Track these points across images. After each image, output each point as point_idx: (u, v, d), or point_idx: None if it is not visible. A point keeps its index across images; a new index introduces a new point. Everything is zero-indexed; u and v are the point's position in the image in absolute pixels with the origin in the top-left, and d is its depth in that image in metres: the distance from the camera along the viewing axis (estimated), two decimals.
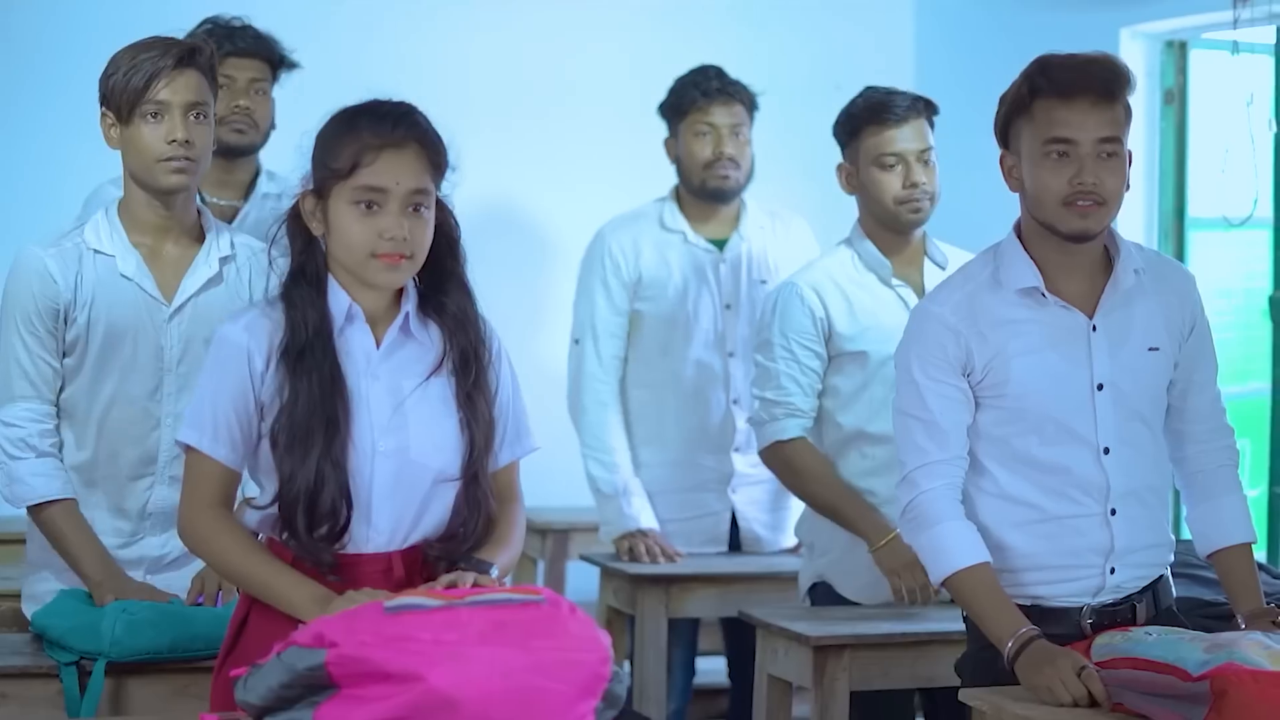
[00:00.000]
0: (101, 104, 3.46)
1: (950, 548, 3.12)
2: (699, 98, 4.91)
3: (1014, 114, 3.16)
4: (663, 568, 4.71)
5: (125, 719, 3.17)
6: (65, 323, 3.44)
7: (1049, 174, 3.10)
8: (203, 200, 4.31)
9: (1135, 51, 5.55)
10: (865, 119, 4.16)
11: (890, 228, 4.18)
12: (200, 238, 3.53)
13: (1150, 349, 3.19)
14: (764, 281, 4.92)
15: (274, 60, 4.47)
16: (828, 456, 4.16)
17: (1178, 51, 5.57)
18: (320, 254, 2.91)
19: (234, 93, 4.38)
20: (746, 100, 4.97)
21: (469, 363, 2.94)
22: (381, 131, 2.85)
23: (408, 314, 2.93)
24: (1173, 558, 3.30)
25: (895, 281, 4.17)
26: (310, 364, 2.85)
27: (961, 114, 6.43)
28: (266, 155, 4.56)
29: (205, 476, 2.89)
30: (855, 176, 4.20)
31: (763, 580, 4.68)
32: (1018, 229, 3.23)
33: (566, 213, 6.21)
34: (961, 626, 3.80)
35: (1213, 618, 3.36)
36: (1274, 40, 5.24)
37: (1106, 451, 3.16)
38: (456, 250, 2.97)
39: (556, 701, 2.54)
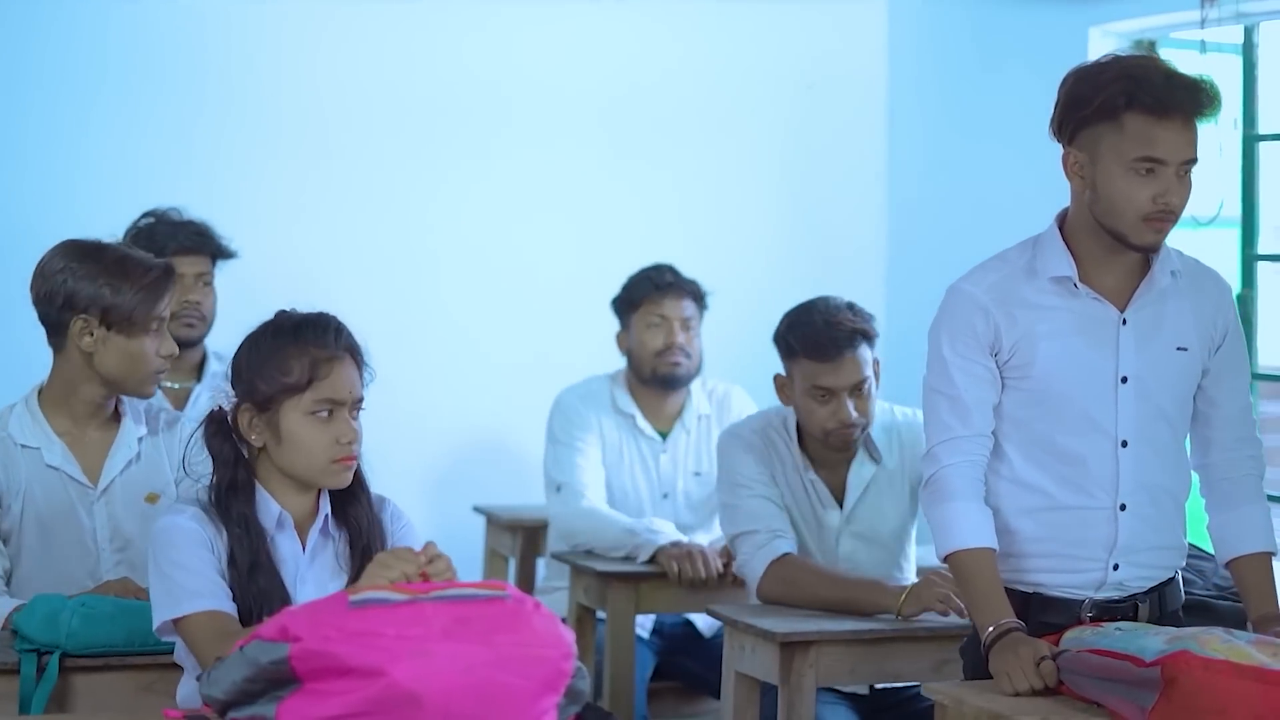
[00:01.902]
0: (81, 311, 3.49)
1: (958, 527, 3.16)
2: (652, 290, 5.07)
3: (1097, 118, 3.11)
4: (633, 566, 4.71)
5: (91, 716, 3.18)
6: (2, 508, 3.54)
7: (1133, 188, 3.10)
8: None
9: (1104, 50, 5.53)
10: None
11: None
12: (116, 417, 3.63)
13: (1179, 348, 3.21)
14: (698, 474, 5.08)
15: (215, 253, 4.71)
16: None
17: (1146, 51, 5.58)
18: (245, 465, 3.02)
19: (183, 288, 4.58)
20: (698, 296, 5.11)
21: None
22: (326, 344, 3.01)
23: (326, 516, 3.06)
24: (1184, 563, 3.31)
25: (812, 477, 4.20)
26: (259, 576, 2.96)
27: (933, 111, 6.47)
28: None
29: (213, 632, 2.90)
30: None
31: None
32: (1060, 220, 3.24)
33: (544, 214, 6.24)
34: (930, 624, 3.83)
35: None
36: (1241, 40, 5.27)
37: (1124, 445, 3.18)
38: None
39: (519, 697, 2.56)
